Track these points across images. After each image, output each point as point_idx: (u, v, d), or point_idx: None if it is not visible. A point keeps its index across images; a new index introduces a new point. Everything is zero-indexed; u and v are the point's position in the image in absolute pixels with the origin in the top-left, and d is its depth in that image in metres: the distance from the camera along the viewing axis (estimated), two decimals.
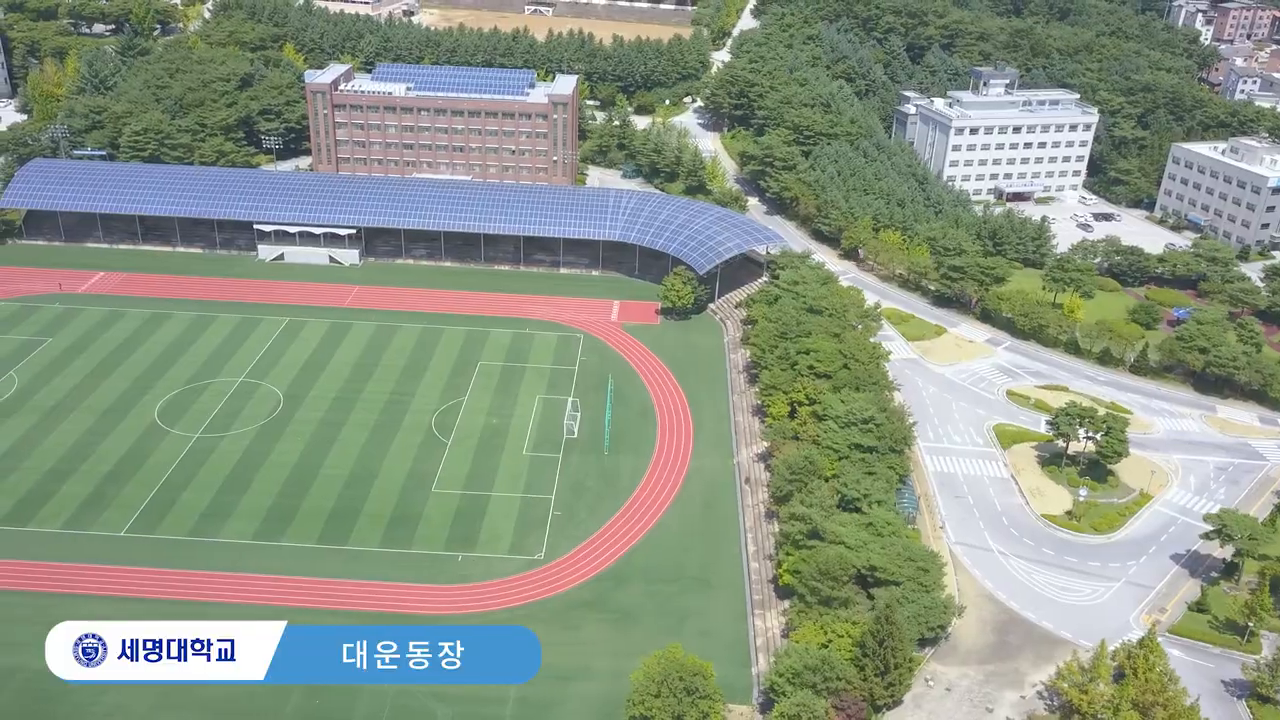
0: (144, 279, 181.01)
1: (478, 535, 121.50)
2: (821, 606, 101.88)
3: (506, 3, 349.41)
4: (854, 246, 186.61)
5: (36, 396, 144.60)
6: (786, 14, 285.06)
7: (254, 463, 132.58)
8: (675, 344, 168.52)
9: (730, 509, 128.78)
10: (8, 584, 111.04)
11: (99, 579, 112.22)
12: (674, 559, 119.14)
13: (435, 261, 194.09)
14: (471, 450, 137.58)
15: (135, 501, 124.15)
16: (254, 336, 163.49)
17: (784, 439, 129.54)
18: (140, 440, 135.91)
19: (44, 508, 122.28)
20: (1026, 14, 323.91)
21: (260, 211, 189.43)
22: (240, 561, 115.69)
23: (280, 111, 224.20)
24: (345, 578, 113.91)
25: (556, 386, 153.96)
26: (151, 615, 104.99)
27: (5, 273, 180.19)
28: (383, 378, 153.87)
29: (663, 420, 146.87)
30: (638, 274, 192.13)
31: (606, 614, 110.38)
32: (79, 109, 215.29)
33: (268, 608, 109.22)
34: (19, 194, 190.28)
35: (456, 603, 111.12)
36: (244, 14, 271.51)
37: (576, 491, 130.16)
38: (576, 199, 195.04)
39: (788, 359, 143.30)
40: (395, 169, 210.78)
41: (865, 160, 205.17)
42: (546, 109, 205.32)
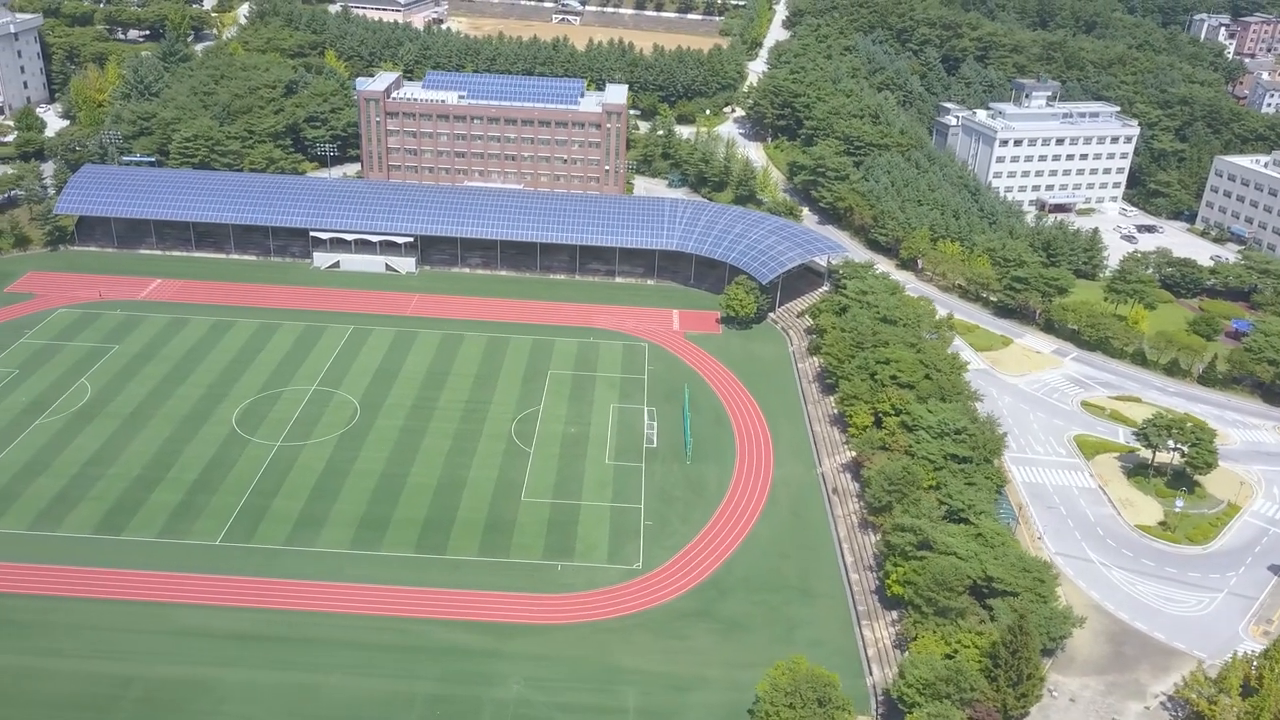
0: (201, 286, 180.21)
1: (573, 544, 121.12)
2: (938, 617, 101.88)
3: (534, 11, 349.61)
4: (913, 257, 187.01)
5: (112, 403, 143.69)
6: (822, 25, 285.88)
7: (340, 471, 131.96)
8: (740, 353, 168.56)
9: (820, 519, 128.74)
10: (107, 592, 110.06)
11: (197, 588, 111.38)
12: (772, 569, 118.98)
13: (491, 270, 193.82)
14: (555, 458, 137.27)
15: (226, 510, 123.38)
16: (320, 344, 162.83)
17: (872, 449, 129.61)
18: (222, 448, 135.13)
19: (136, 516, 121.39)
20: (1053, 26, 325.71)
21: (317, 219, 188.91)
22: (339, 570, 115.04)
23: (326, 119, 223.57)
24: (447, 587, 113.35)
25: (629, 395, 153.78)
26: (253, 625, 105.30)
27: (63, 279, 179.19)
28: (456, 386, 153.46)
29: (739, 429, 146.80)
30: (693, 283, 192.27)
31: (714, 623, 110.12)
32: (126, 115, 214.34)
33: (370, 617, 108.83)
34: (73, 200, 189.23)
35: (563, 612, 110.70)
36: (281, 21, 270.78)
37: (665, 500, 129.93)
38: (632, 208, 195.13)
39: (867, 369, 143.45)
40: (446, 177, 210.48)
41: (917, 171, 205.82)
42: (600, 118, 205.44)
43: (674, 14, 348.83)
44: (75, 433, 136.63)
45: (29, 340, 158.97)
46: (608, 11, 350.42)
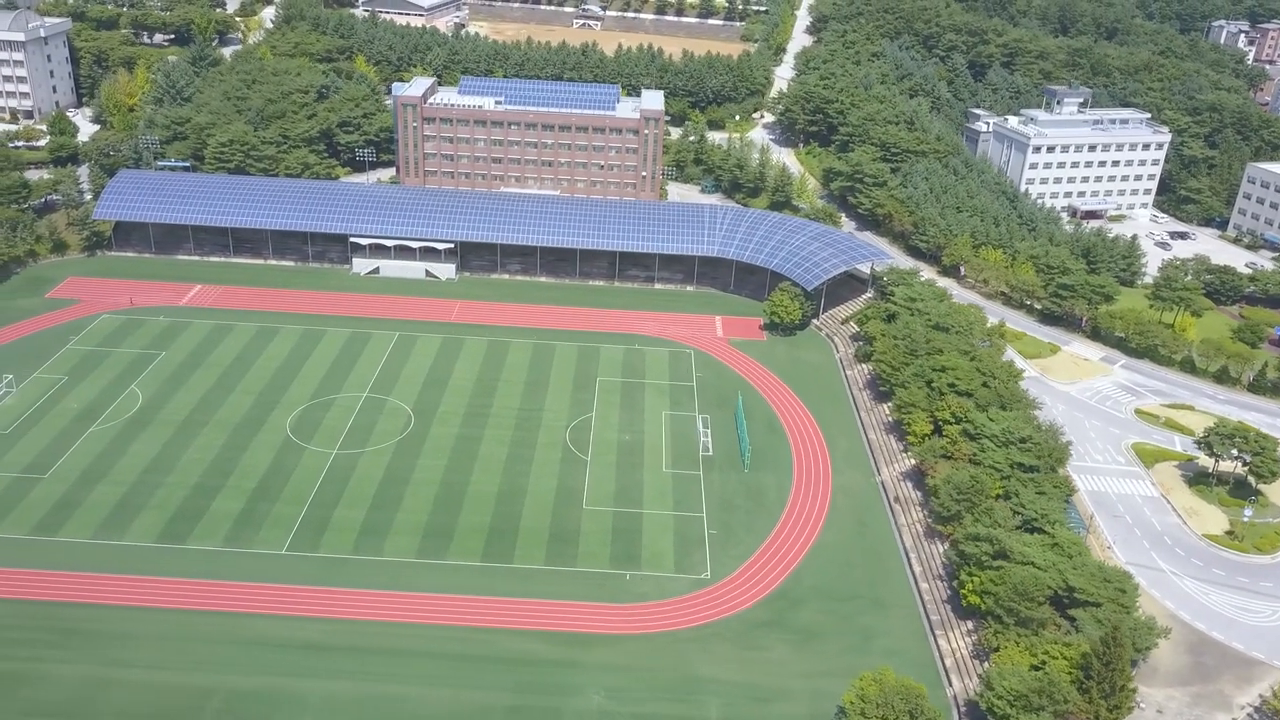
0: (242, 291, 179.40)
1: (640, 553, 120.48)
2: (1019, 628, 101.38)
3: (555, 16, 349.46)
4: (955, 263, 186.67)
5: (164, 410, 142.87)
6: (848, 31, 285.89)
7: (399, 479, 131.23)
8: (786, 360, 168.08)
9: (884, 528, 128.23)
10: (176, 602, 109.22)
11: (266, 597, 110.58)
12: (841, 579, 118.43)
13: (530, 276, 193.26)
14: (612, 466, 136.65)
15: (289, 519, 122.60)
16: (368, 351, 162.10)
17: (935, 458, 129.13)
18: (279, 456, 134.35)
19: (199, 525, 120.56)
20: (1074, 33, 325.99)
21: (357, 224, 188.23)
22: (407, 580, 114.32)
23: (359, 124, 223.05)
24: (517, 596, 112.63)
25: (680, 403, 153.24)
26: (325, 635, 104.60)
27: (103, 284, 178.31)
28: (507, 393, 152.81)
29: (793, 437, 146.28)
30: (733, 289, 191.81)
31: (789, 634, 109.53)
32: (159, 120, 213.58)
33: (442, 627, 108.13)
34: (111, 206, 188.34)
35: (636, 622, 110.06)
36: (307, 25, 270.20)
37: (726, 509, 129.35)
38: (672, 214, 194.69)
39: (923, 376, 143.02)
40: (483, 183, 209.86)
41: (955, 178, 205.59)
42: (638, 124, 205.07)
43: (695, 19, 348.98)
44: (130, 440, 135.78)
45: (75, 346, 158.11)
46: (628, 16, 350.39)
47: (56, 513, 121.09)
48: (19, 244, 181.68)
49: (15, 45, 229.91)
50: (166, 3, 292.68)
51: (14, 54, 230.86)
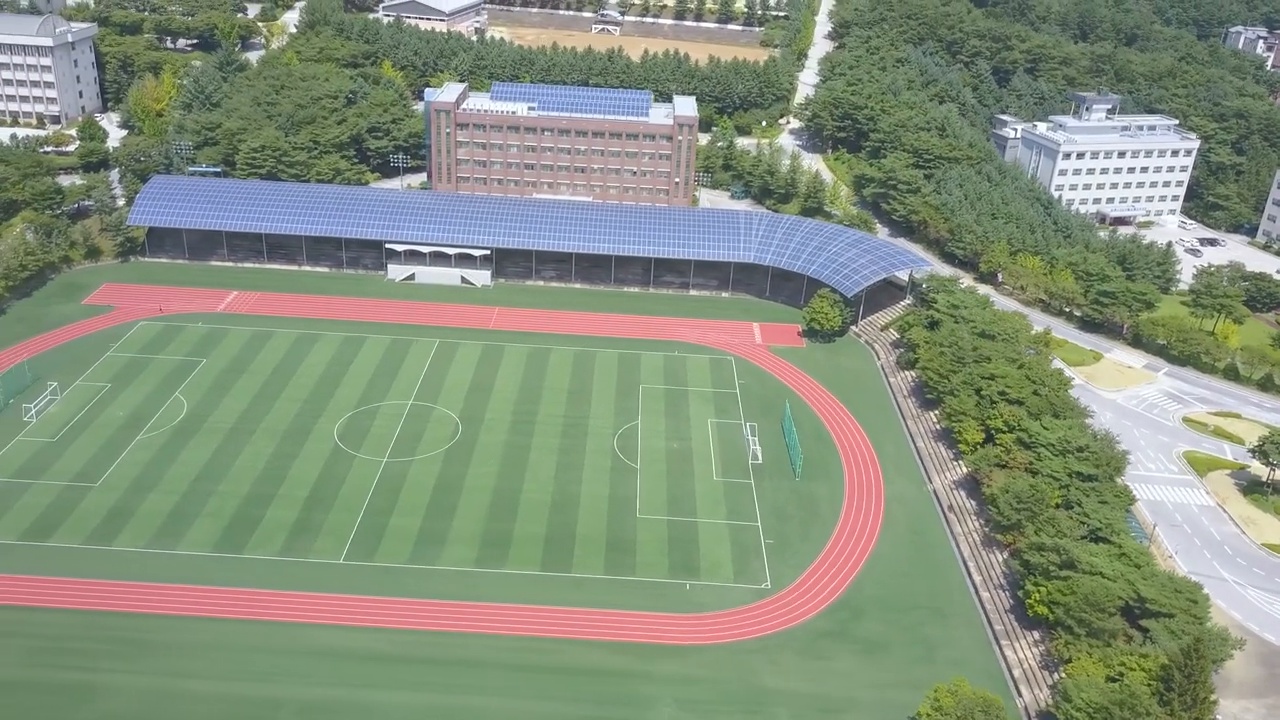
0: (278, 298, 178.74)
1: (697, 563, 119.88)
2: (1090, 639, 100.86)
3: (574, 21, 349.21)
4: (992, 270, 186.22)
5: (210, 418, 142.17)
6: (872, 37, 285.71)
7: (452, 487, 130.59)
8: (828, 367, 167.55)
9: (940, 537, 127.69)
10: (237, 612, 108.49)
11: (327, 608, 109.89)
12: (901, 588, 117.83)
13: (565, 283, 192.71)
14: (662, 475, 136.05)
15: (344, 528, 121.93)
16: (409, 358, 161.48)
17: (989, 466, 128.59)
18: (329, 464, 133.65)
19: (255, 534, 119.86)
20: (1094, 39, 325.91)
21: (392, 231, 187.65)
22: (467, 589, 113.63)
23: (388, 129, 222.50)
24: (579, 606, 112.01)
25: (724, 410, 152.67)
26: (390, 646, 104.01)
27: (139, 291, 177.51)
28: (552, 400, 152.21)
29: (841, 445, 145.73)
30: (768, 295, 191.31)
31: (854, 644, 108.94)
32: (189, 125, 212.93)
33: (508, 637, 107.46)
34: (145, 212, 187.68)
35: (701, 633, 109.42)
36: (332, 30, 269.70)
37: (780, 518, 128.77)
38: (707, 220, 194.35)
39: (972, 385, 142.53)
40: (515, 189, 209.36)
41: (990, 184, 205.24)
42: (671, 130, 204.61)
43: (714, 24, 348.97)
44: (178, 448, 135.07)
45: (116, 354, 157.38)
46: (647, 22, 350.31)
47: (110, 522, 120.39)
48: (54, 250, 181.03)
49: (44, 50, 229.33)
50: (188, 7, 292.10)
51: (42, 59, 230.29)
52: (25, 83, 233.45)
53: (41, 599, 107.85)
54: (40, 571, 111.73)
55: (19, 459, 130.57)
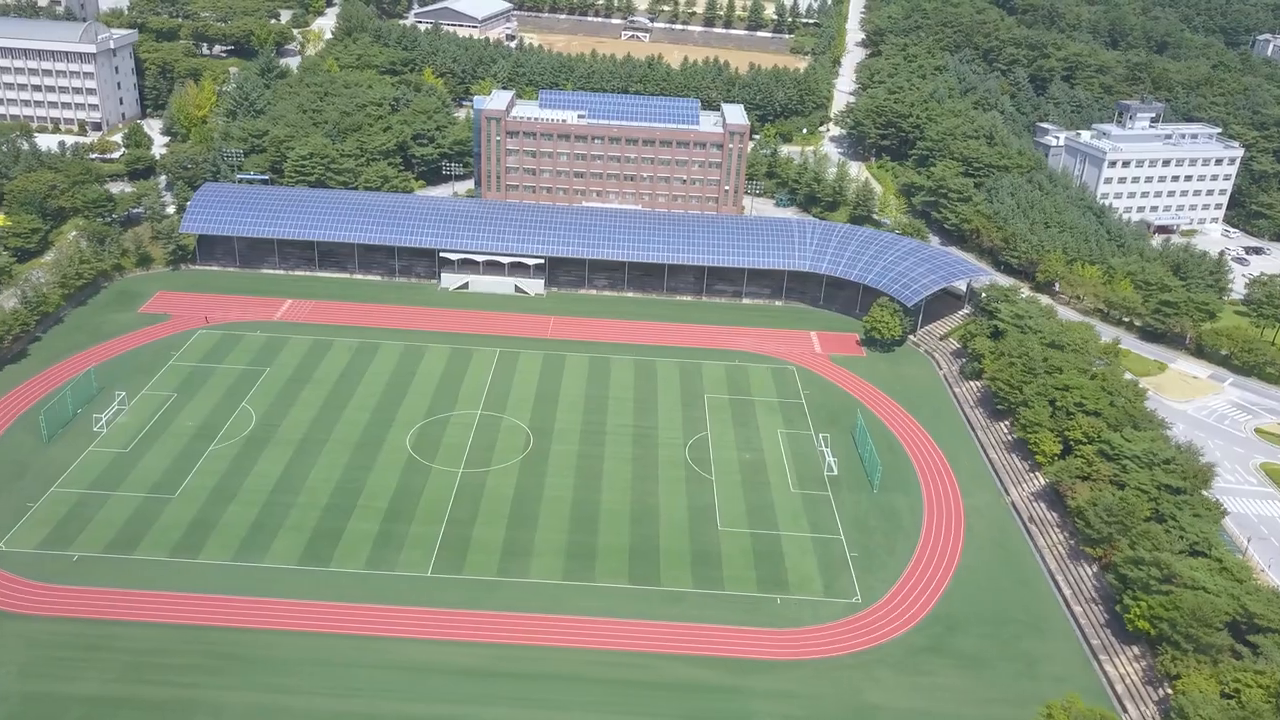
0: (333, 306, 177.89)
1: (785, 576, 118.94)
2: (1198, 655, 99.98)
3: (603, 28, 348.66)
4: (1049, 280, 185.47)
5: (280, 429, 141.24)
6: (909, 44, 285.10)
7: (531, 498, 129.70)
8: (890, 377, 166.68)
9: (1024, 549, 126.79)
10: (329, 626, 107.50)
11: (417, 621, 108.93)
12: (992, 602, 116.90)
13: (617, 291, 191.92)
14: (738, 486, 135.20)
15: (428, 540, 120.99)
16: (472, 368, 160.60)
17: (1072, 478, 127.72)
18: (405, 475, 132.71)
19: (339, 547, 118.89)
20: (1124, 47, 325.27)
21: (446, 240, 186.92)
22: (558, 602, 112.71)
23: (432, 137, 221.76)
24: (671, 620, 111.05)
25: (793, 421, 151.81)
26: (484, 660, 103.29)
27: (194, 299, 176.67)
28: (618, 410, 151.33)
29: (914, 457, 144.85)
30: (822, 304, 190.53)
31: (952, 659, 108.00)
32: (235, 133, 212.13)
33: (602, 651, 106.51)
34: (196, 219, 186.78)
35: (796, 648, 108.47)
36: (369, 37, 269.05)
37: (862, 531, 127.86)
38: (760, 229, 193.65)
39: (1045, 395, 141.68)
40: (564, 197, 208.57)
41: (1041, 193, 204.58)
42: (722, 138, 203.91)
43: (743, 31, 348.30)
44: (252, 459, 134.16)
45: (178, 363, 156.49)
46: (676, 29, 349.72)
47: (193, 534, 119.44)
48: (107, 258, 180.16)
49: (86, 57, 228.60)
50: (221, 13, 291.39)
51: (84, 66, 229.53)
52: (67, 89, 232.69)
53: (134, 613, 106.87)
54: (129, 584, 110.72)
55: (94, 470, 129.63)
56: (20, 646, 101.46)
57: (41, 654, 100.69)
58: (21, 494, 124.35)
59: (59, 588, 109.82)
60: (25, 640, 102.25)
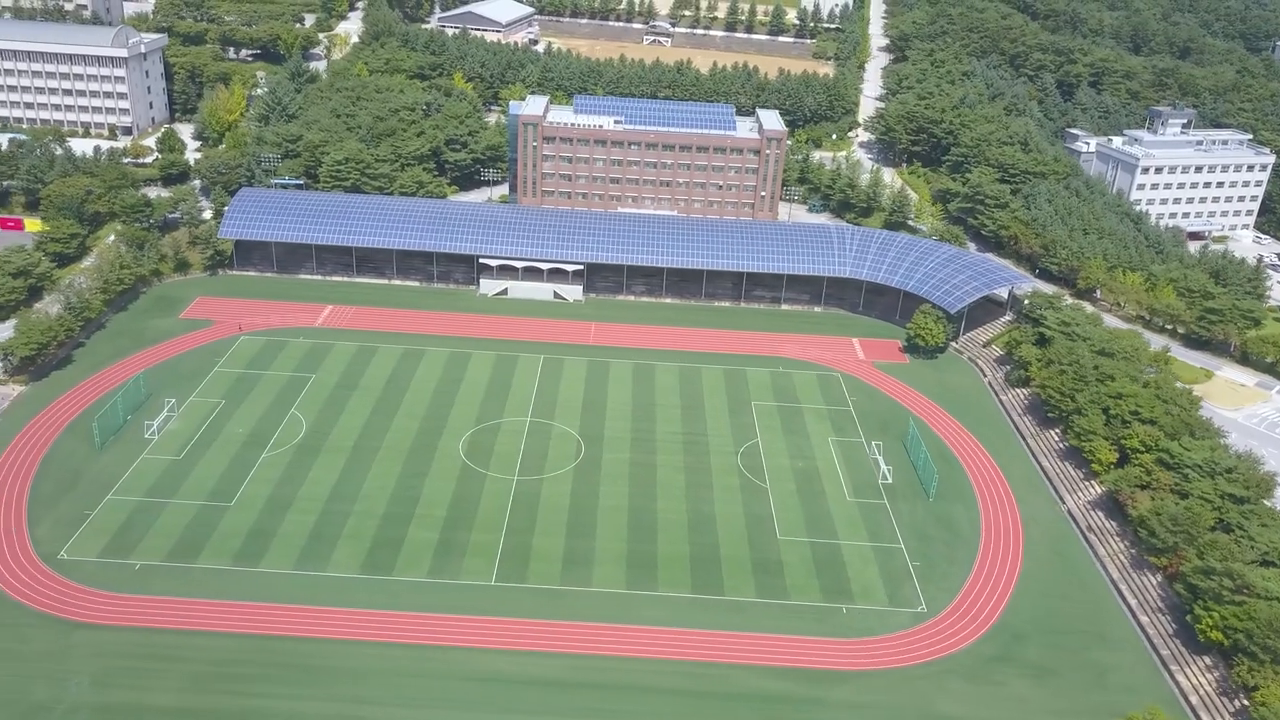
0: (374, 313, 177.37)
1: (848, 586, 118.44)
2: (1275, 665, 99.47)
3: (624, 32, 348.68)
4: (1090, 287, 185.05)
5: (331, 436, 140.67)
6: (935, 50, 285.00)
7: (587, 506, 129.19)
8: (935, 384, 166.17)
9: (1084, 558, 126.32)
10: (396, 635, 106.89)
11: (484, 631, 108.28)
12: (1056, 611, 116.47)
13: (655, 297, 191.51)
14: (793, 494, 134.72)
15: (489, 548, 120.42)
16: (518, 374, 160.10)
17: (1131, 487, 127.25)
18: (461, 483, 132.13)
19: (401, 555, 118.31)
20: (1147, 52, 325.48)
21: (486, 245, 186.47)
22: (623, 611, 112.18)
23: (465, 142, 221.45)
24: (738, 630, 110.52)
25: (842, 429, 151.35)
26: (555, 671, 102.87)
27: (234, 305, 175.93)
28: (666, 418, 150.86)
29: (966, 465, 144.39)
30: (861, 310, 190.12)
31: (1022, 669, 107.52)
32: (269, 137, 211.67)
33: (672, 661, 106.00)
34: (234, 225, 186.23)
35: (867, 658, 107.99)
36: (397, 42, 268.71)
37: (921, 540, 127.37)
38: (799, 235, 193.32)
39: (1098, 403, 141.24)
40: (599, 203, 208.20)
41: (1078, 199, 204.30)
42: (759, 144, 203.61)
43: (765, 36, 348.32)
44: (305, 467, 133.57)
45: (223, 369, 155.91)
46: (698, 33, 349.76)
47: (253, 542, 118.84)
48: (145, 263, 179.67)
49: (118, 61, 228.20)
50: (246, 17, 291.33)
51: (116, 70, 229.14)
52: (98, 94, 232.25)
53: (202, 622, 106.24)
54: (193, 593, 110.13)
55: (150, 478, 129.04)
56: (91, 656, 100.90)
57: (113, 664, 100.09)
58: (78, 502, 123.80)
59: (123, 596, 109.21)
60: (95, 650, 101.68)
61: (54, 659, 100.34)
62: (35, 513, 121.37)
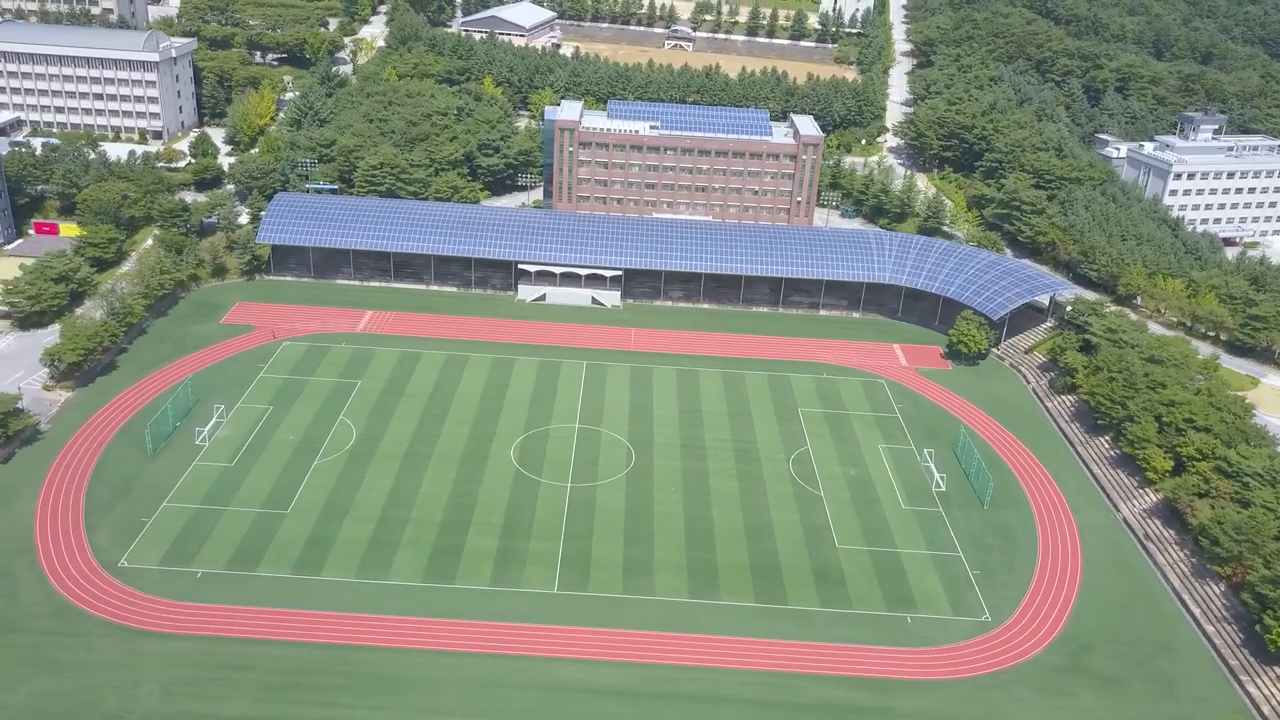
0: (415, 318, 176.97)
1: (911, 595, 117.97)
2: None
3: (645, 36, 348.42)
4: (1130, 294, 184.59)
5: (382, 443, 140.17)
6: (962, 55, 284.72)
7: (642, 513, 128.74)
8: (979, 391, 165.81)
9: (1143, 567, 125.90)
10: (462, 645, 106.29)
11: (550, 639, 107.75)
12: (1120, 621, 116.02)
13: (693, 303, 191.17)
14: (848, 503, 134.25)
15: (549, 556, 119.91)
16: (562, 380, 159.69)
17: (1190, 496, 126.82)
18: (515, 490, 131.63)
19: (461, 563, 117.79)
20: (1169, 58, 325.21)
21: (524, 251, 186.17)
22: (688, 621, 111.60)
23: (498, 147, 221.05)
24: (804, 639, 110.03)
25: (891, 436, 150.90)
26: (626, 681, 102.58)
27: (273, 310, 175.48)
28: (714, 424, 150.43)
29: (1018, 472, 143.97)
30: (900, 316, 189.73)
31: (1090, 680, 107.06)
32: (303, 142, 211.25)
33: (737, 671, 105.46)
34: (273, 229, 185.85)
35: (936, 667, 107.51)
36: (424, 46, 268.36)
37: (979, 548, 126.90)
38: (838, 240, 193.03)
39: (1150, 411, 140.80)
40: (634, 208, 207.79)
41: (1116, 205, 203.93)
42: (795, 150, 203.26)
43: (786, 41, 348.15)
44: (359, 474, 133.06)
45: (268, 375, 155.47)
46: (719, 38, 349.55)
47: (312, 550, 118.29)
48: (184, 268, 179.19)
49: (149, 66, 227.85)
50: (270, 21, 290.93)
51: (147, 74, 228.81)
52: (129, 98, 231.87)
53: (268, 631, 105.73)
54: (257, 602, 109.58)
55: (204, 485, 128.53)
56: (159, 666, 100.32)
57: (183, 673, 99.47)
58: (134, 508, 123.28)
59: (187, 605, 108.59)
60: (163, 659, 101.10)
61: (123, 668, 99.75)
62: (92, 519, 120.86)
